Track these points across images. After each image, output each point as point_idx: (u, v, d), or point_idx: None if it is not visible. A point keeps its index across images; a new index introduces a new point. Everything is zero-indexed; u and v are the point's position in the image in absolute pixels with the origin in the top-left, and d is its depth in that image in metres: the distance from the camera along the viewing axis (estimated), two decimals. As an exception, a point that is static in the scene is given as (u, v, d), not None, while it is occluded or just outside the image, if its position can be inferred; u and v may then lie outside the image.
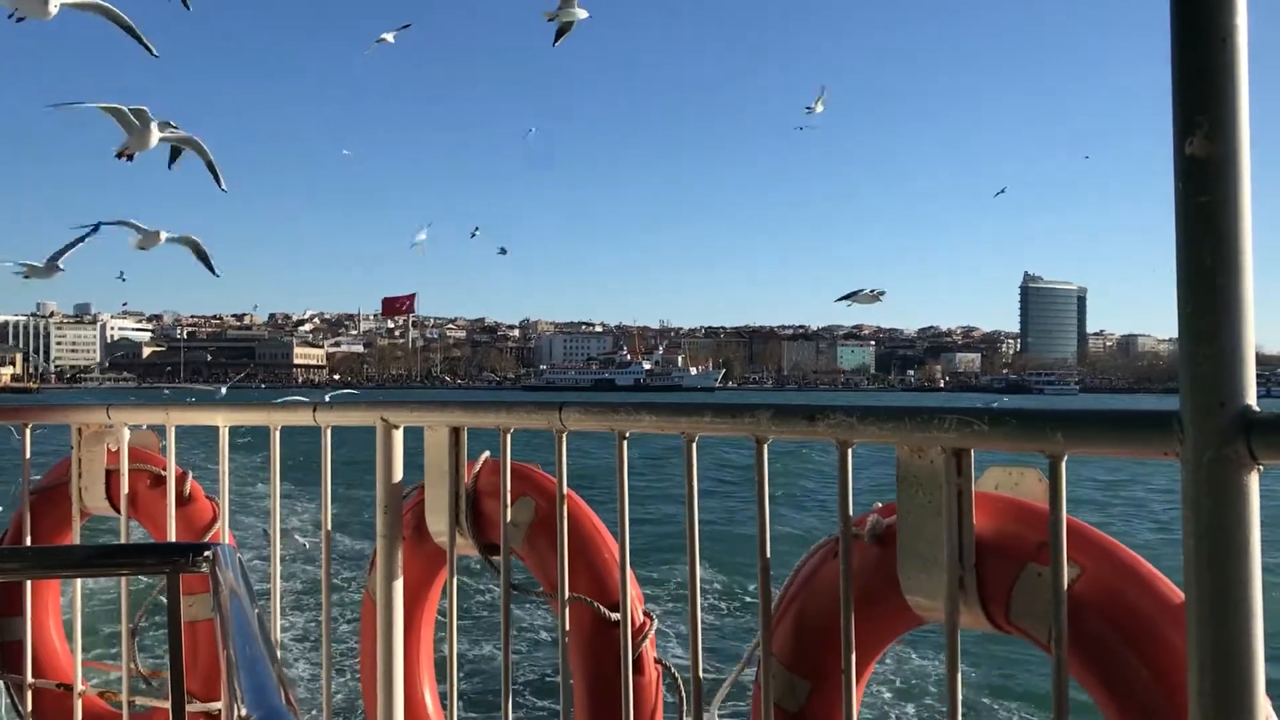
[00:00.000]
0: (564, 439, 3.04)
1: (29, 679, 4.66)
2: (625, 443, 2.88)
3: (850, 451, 2.33)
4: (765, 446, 2.52)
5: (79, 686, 4.59)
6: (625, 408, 2.81)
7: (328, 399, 4.41)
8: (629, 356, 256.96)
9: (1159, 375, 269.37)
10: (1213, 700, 1.48)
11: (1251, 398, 1.47)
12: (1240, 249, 1.46)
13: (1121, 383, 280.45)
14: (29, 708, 4.72)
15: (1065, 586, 1.95)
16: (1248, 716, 1.47)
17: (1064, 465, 1.94)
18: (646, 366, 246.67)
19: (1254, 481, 1.48)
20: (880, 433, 2.23)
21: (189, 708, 4.23)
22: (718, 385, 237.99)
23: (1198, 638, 1.49)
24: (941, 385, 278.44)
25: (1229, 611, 1.47)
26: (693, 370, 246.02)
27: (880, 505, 2.66)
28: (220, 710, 3.55)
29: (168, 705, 2.95)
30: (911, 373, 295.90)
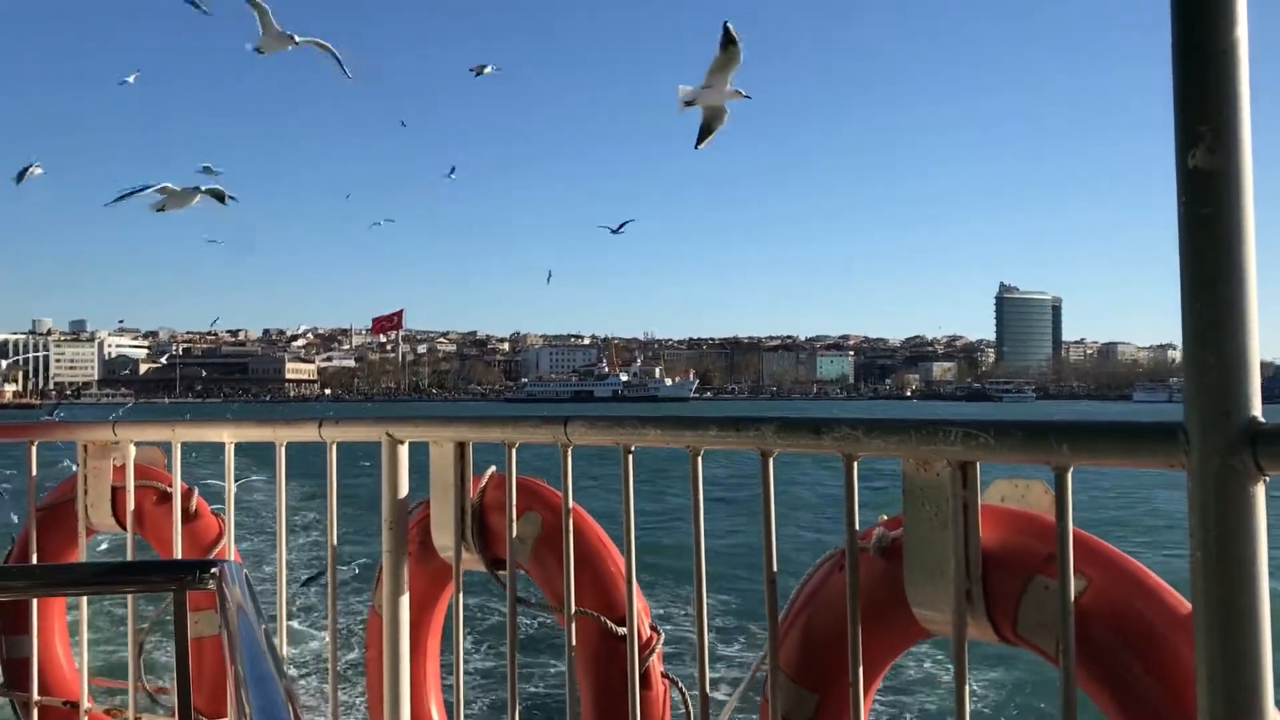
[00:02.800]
0: (569, 453, 3.04)
1: (35, 696, 4.66)
2: (630, 457, 2.88)
3: (856, 465, 2.34)
4: (771, 460, 2.52)
5: (85, 704, 4.59)
6: (630, 421, 2.81)
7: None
8: (607, 369, 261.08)
9: (1119, 382, 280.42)
10: (1222, 712, 1.47)
11: (1257, 408, 1.47)
12: (1244, 260, 1.46)
13: (1082, 390, 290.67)
14: None
15: (1072, 599, 1.95)
16: None
17: (1070, 477, 1.94)
18: (624, 378, 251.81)
19: (1260, 492, 1.48)
20: (886, 446, 2.23)
21: None
22: (692, 395, 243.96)
23: (1205, 649, 1.49)
24: (909, 394, 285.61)
25: (1236, 622, 1.46)
26: (668, 381, 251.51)
27: (886, 518, 2.66)
28: None
29: None
30: (889, 381, 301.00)
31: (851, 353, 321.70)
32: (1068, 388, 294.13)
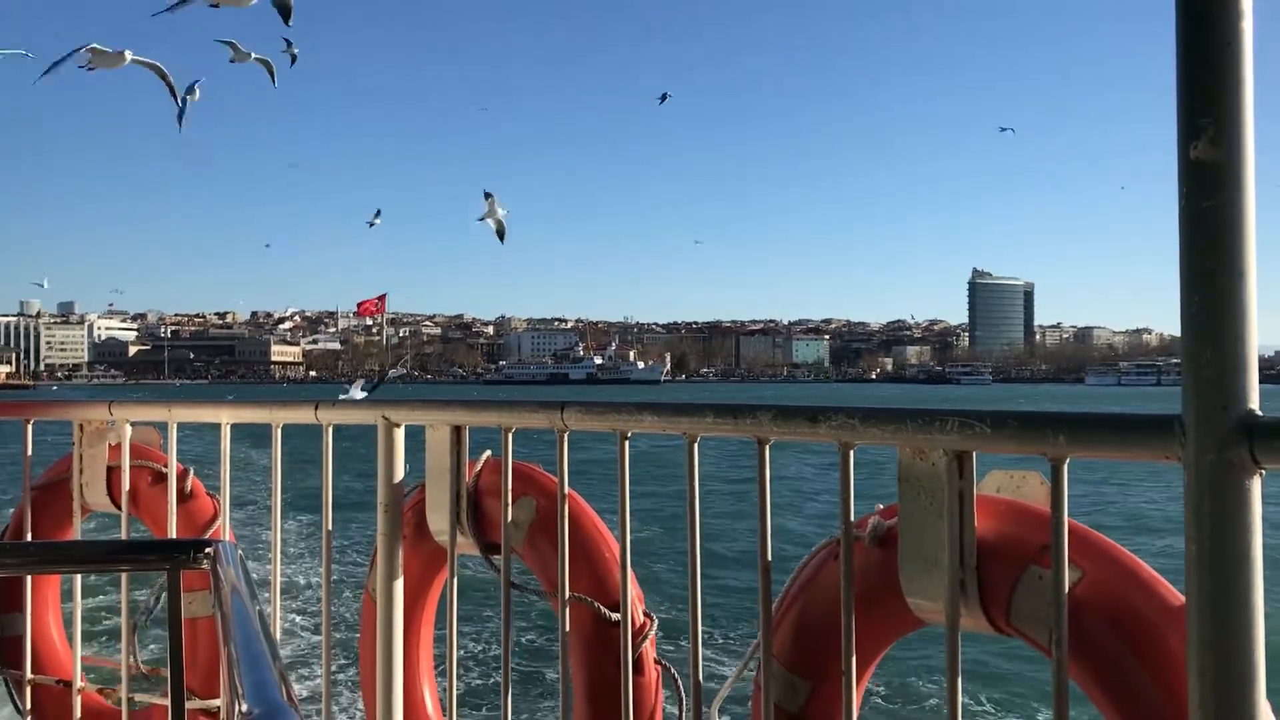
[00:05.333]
0: (565, 438, 3.04)
1: (28, 674, 4.66)
2: (627, 443, 2.88)
3: (852, 453, 2.34)
4: (767, 448, 2.52)
5: (78, 683, 4.59)
6: (627, 408, 2.81)
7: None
8: (582, 352, 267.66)
9: (1078, 367, 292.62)
10: (1213, 704, 1.47)
11: (1254, 401, 1.47)
12: (1243, 253, 1.46)
13: (1040, 374, 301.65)
14: (28, 704, 4.72)
15: (1066, 589, 1.95)
16: None
17: (1066, 468, 1.94)
18: (598, 361, 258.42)
19: (1256, 485, 1.48)
20: (882, 435, 2.23)
21: (188, 704, 4.22)
22: (664, 379, 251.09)
23: (1198, 641, 1.49)
24: (873, 377, 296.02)
25: (1230, 615, 1.46)
26: (640, 364, 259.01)
27: (881, 507, 2.66)
28: (219, 707, 3.54)
29: (167, 702, 2.95)
30: (861, 364, 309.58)
31: (828, 337, 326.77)
32: (1028, 371, 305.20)
